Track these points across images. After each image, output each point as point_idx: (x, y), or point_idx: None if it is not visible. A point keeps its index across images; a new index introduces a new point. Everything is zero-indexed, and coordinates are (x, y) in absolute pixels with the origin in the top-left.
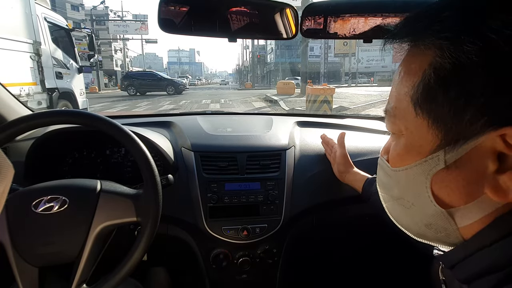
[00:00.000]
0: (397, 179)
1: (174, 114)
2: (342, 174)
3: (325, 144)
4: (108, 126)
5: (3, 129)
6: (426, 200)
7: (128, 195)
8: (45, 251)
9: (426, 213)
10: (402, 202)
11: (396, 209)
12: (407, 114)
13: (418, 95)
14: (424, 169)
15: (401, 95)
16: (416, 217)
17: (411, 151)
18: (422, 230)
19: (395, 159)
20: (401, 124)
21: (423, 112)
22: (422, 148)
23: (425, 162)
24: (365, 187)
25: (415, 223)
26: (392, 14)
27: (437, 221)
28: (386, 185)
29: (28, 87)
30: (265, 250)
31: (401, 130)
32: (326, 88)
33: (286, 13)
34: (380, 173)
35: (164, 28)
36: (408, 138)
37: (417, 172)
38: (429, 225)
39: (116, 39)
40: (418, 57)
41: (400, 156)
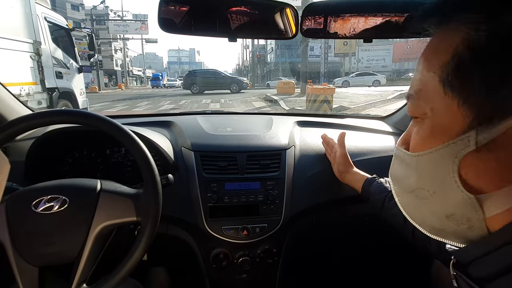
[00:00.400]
0: (418, 165)
1: (174, 113)
2: (342, 174)
3: (326, 144)
4: (108, 125)
5: (3, 128)
6: (451, 186)
7: (128, 194)
8: (45, 251)
9: (450, 201)
10: (420, 193)
11: (411, 202)
12: (434, 95)
13: (449, 73)
14: (451, 151)
15: (427, 77)
16: (437, 208)
17: (437, 133)
18: (440, 223)
19: (418, 143)
20: (426, 106)
21: (453, 91)
22: (450, 130)
23: (453, 144)
24: (365, 187)
25: (434, 215)
26: (392, 14)
27: (462, 210)
28: (402, 176)
29: (28, 86)
30: (265, 250)
31: (425, 113)
32: (326, 88)
33: (286, 13)
34: (395, 165)
35: (164, 27)
36: (434, 119)
37: (444, 155)
38: (450, 215)
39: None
40: (448, 36)
41: (424, 139)
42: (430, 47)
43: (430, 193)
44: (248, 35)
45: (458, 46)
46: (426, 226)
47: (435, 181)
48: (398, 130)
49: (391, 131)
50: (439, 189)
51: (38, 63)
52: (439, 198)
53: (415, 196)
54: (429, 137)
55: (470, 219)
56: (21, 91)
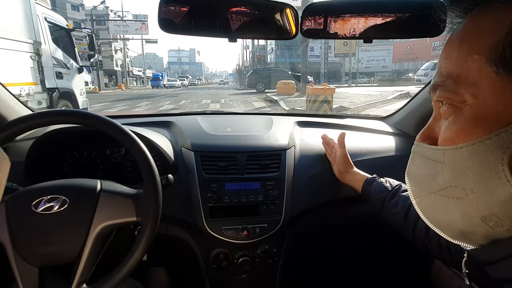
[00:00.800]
0: (452, 160)
1: (174, 114)
2: (342, 174)
3: (326, 144)
4: (108, 126)
5: (3, 129)
6: (498, 181)
7: (128, 195)
8: (45, 251)
9: (492, 199)
10: (451, 192)
11: (435, 204)
12: (481, 79)
13: (505, 50)
14: (502, 141)
15: (467, 60)
16: (473, 208)
17: (482, 122)
18: (472, 226)
19: (456, 135)
20: (466, 92)
21: (508, 71)
22: (500, 116)
23: (505, 133)
24: (365, 187)
25: (466, 217)
26: (392, 14)
27: (507, 209)
28: (425, 175)
29: (28, 87)
30: (265, 250)
31: (464, 100)
32: (326, 88)
33: (286, 13)
34: (415, 163)
35: (164, 28)
36: (478, 107)
37: (491, 146)
38: (489, 216)
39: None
40: (492, 14)
41: (465, 130)
42: (468, 29)
43: (466, 191)
44: (248, 36)
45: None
46: (451, 231)
47: (475, 177)
48: (398, 130)
49: (391, 131)
50: (480, 186)
51: (38, 63)
52: (478, 197)
53: (441, 197)
54: (471, 127)
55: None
56: (21, 91)
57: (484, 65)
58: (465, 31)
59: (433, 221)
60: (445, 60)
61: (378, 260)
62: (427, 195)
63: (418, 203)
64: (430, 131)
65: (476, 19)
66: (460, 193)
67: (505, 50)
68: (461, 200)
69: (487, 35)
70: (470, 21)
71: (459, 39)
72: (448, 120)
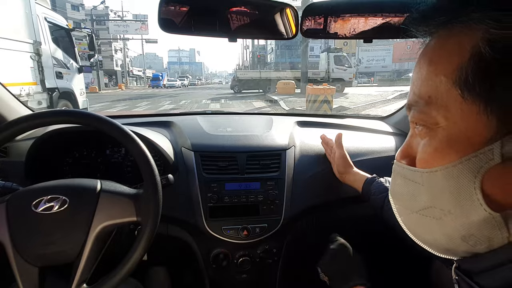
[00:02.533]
0: (430, 182)
1: (174, 114)
2: (342, 174)
3: (325, 144)
4: (108, 126)
5: (3, 129)
6: (472, 204)
7: (128, 195)
8: (45, 251)
9: (468, 221)
10: (431, 212)
11: (418, 223)
12: (449, 101)
13: (468, 75)
14: (473, 165)
15: (436, 82)
16: (451, 229)
17: (454, 145)
18: (454, 244)
19: (430, 157)
20: (438, 114)
21: (473, 95)
22: (470, 140)
23: (475, 158)
24: (365, 187)
25: (447, 237)
26: (392, 14)
27: (482, 230)
28: (407, 195)
29: (28, 87)
30: (265, 250)
31: (437, 122)
32: (326, 88)
33: (286, 13)
34: (397, 183)
35: (164, 28)
36: (449, 130)
37: (463, 170)
38: (468, 236)
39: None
40: (456, 36)
41: (439, 152)
42: (435, 50)
43: (444, 212)
44: (248, 36)
45: (476, 45)
46: (436, 248)
47: (451, 199)
48: (398, 130)
49: (391, 131)
50: (456, 208)
51: (38, 63)
52: (456, 218)
53: (422, 216)
54: (444, 150)
55: (491, 239)
56: (21, 91)
57: (451, 87)
58: (432, 51)
59: (419, 238)
60: (417, 80)
61: (378, 260)
62: (410, 214)
63: (403, 221)
64: (408, 149)
65: (442, 40)
66: (439, 213)
67: (468, 75)
68: (440, 220)
69: (452, 57)
70: (437, 41)
71: (427, 58)
72: (423, 141)
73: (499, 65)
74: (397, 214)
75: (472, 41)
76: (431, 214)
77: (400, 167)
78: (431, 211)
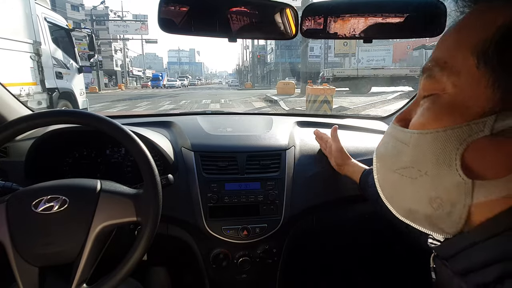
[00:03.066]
0: (417, 143)
1: (174, 114)
2: (340, 166)
3: (319, 139)
4: (108, 126)
5: (3, 129)
6: (449, 168)
7: (128, 195)
8: (45, 251)
9: (441, 184)
10: (408, 172)
11: (393, 181)
12: (463, 69)
13: (489, 48)
14: (462, 134)
15: (457, 48)
16: (423, 189)
17: (453, 112)
18: (418, 205)
19: (426, 121)
20: (448, 80)
21: (487, 69)
22: (469, 110)
23: (466, 126)
24: (362, 178)
25: (416, 196)
26: (392, 14)
27: (450, 194)
28: (391, 153)
29: (28, 87)
30: (265, 250)
31: (444, 88)
32: (326, 88)
33: (286, 13)
34: (385, 142)
35: (164, 28)
36: (455, 96)
37: (451, 136)
38: (435, 198)
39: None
40: (490, 11)
41: (437, 116)
42: (467, 21)
43: (421, 173)
44: (248, 36)
45: (507, 23)
46: (399, 208)
47: (431, 161)
48: None
49: None
50: (432, 170)
51: (38, 63)
52: (431, 180)
53: (399, 175)
54: (444, 115)
55: (454, 204)
56: (21, 91)
57: (469, 56)
58: (464, 22)
59: (387, 197)
60: (439, 46)
61: (378, 259)
62: (388, 172)
63: (378, 179)
64: (407, 114)
65: (477, 13)
66: (416, 174)
67: (489, 48)
68: (415, 180)
69: (481, 28)
70: (472, 13)
71: (456, 28)
72: (424, 106)
73: None
74: (375, 172)
75: (504, 18)
76: (408, 173)
77: (393, 127)
78: (409, 171)
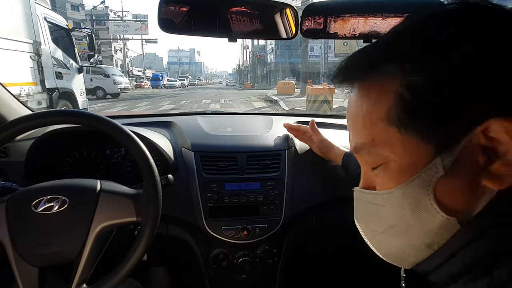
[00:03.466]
0: (390, 202)
1: (174, 114)
2: (325, 154)
3: (294, 130)
4: (108, 126)
5: (4, 128)
6: (430, 213)
7: (128, 195)
8: (45, 251)
9: (429, 229)
10: (395, 230)
11: (386, 241)
12: (390, 138)
13: (398, 116)
14: (424, 180)
15: (373, 124)
16: (417, 240)
17: (405, 170)
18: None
19: (387, 183)
20: (384, 151)
21: (408, 130)
22: (418, 163)
23: (424, 174)
24: (344, 161)
25: (414, 247)
26: (392, 14)
27: (442, 235)
28: (372, 217)
29: (28, 87)
30: (265, 250)
31: (386, 157)
32: (326, 88)
33: (286, 13)
34: (360, 209)
35: (164, 28)
36: (398, 160)
37: (416, 185)
38: (432, 244)
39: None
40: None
41: (395, 178)
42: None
43: (406, 227)
44: (248, 36)
45: (397, 90)
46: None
47: (412, 213)
48: None
49: None
50: (416, 221)
51: (38, 63)
52: (418, 229)
53: (388, 235)
54: (398, 176)
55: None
56: (21, 91)
57: (388, 127)
58: (360, 101)
59: (389, 258)
60: (356, 129)
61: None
62: (377, 235)
63: (372, 243)
64: (369, 183)
65: (365, 90)
66: (403, 229)
67: (398, 114)
68: (406, 235)
69: (380, 102)
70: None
71: (358, 108)
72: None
73: (419, 102)
74: (365, 238)
75: (392, 87)
76: (395, 231)
77: (361, 192)
78: (395, 229)
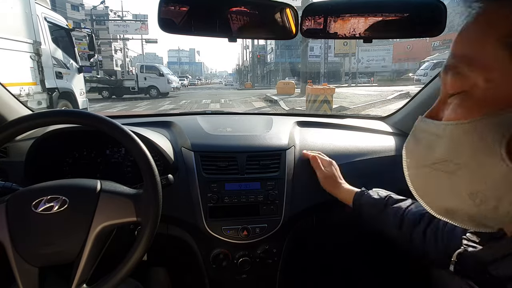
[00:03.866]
0: (451, 135)
1: (174, 114)
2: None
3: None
4: (108, 126)
5: (4, 128)
6: (493, 159)
7: (128, 195)
8: (45, 251)
9: (484, 176)
10: (444, 166)
11: (426, 177)
12: (495, 63)
13: None
14: (505, 121)
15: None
16: (461, 183)
17: (490, 104)
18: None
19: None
20: (479, 76)
21: None
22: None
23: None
24: (355, 201)
25: (454, 192)
26: (392, 14)
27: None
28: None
29: (28, 87)
30: (265, 250)
31: (475, 84)
32: (326, 88)
33: (286, 13)
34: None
35: (164, 28)
36: (488, 90)
37: (493, 124)
38: (476, 193)
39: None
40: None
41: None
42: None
43: (458, 166)
44: (248, 36)
45: None
46: (435, 206)
47: (470, 152)
48: (398, 130)
49: (391, 131)
50: (472, 162)
51: (38, 63)
52: (470, 172)
53: (433, 170)
54: (479, 108)
55: (501, 198)
56: (21, 91)
57: (500, 48)
58: (484, 16)
59: (421, 194)
60: (460, 43)
61: (378, 259)
62: (420, 168)
63: (409, 175)
64: (436, 113)
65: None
66: (453, 167)
67: None
68: (452, 174)
69: (506, 20)
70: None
71: (477, 22)
72: (454, 104)
73: None
74: (405, 168)
75: None
76: (443, 168)
77: (424, 121)
78: (444, 165)
